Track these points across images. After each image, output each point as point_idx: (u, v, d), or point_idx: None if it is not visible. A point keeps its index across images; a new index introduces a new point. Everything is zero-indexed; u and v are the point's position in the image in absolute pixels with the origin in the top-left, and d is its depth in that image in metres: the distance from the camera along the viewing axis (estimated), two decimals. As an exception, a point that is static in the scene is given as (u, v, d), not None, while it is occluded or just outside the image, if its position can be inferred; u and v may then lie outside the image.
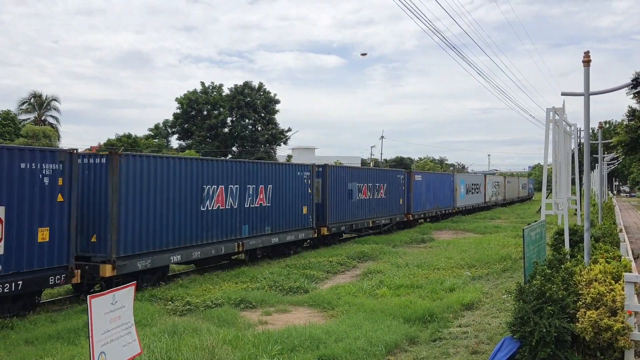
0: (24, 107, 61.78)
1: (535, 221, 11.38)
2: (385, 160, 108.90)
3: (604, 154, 27.44)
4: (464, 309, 12.86)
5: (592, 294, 8.02)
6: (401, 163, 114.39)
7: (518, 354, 7.94)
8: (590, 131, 15.99)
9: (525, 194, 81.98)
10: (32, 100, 61.86)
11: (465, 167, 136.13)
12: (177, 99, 68.90)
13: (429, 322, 11.53)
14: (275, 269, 18.40)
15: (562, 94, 13.06)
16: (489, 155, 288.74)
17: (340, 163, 74.63)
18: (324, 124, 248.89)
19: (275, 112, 70.91)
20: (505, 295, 13.76)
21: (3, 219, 11.97)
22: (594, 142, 33.94)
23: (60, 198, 13.36)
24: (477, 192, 52.38)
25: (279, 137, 71.31)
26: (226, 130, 69.17)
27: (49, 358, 9.18)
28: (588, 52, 10.41)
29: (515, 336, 8.05)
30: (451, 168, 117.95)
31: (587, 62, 10.34)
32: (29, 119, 61.02)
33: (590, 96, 10.49)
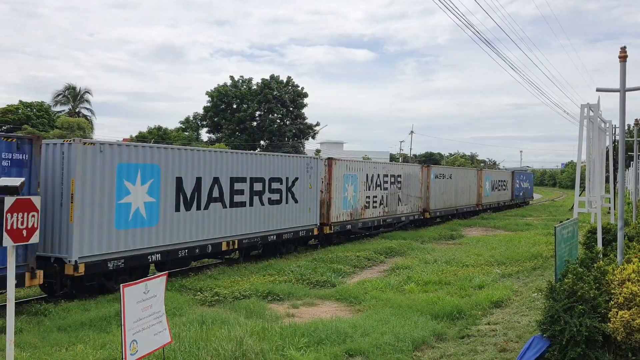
0: (58, 99, 63.05)
1: (568, 219, 11.19)
2: (415, 155, 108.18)
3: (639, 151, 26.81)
4: (493, 306, 12.73)
5: (625, 293, 7.86)
6: (431, 158, 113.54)
7: (547, 353, 7.85)
8: (626, 128, 15.63)
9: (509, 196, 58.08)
10: (66, 92, 63.08)
11: (497, 163, 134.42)
12: (207, 93, 69.54)
13: (457, 319, 11.46)
14: (302, 262, 18.48)
15: (597, 90, 12.79)
16: (521, 151, 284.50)
17: (369, 158, 74.48)
18: (352, 118, 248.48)
19: (303, 106, 71.01)
20: (536, 294, 13.58)
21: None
22: (630, 139, 33.15)
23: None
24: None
25: (307, 131, 71.41)
26: (254, 124, 69.55)
27: (81, 345, 9.38)
28: (624, 47, 10.16)
29: (545, 335, 7.95)
30: (482, 164, 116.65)
31: (623, 57, 10.10)
32: (63, 110, 62.25)
33: (627, 92, 10.25)
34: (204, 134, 73.35)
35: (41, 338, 10.05)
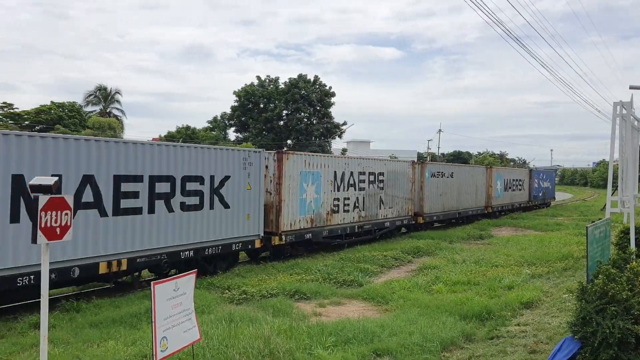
0: (90, 99, 64.23)
1: (600, 219, 10.98)
2: (443, 154, 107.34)
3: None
4: (523, 307, 12.56)
5: (660, 295, 7.68)
6: (459, 157, 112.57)
7: (579, 355, 7.71)
8: (661, 126, 15.25)
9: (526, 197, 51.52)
10: (97, 93, 64.21)
11: (527, 162, 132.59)
12: (234, 92, 70.06)
13: (486, 320, 11.34)
14: (329, 261, 18.49)
15: (631, 88, 12.55)
16: (551, 150, 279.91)
17: (396, 157, 74.12)
18: (379, 117, 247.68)
19: (330, 105, 71.01)
20: (566, 295, 13.36)
21: None
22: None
23: None
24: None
25: (334, 130, 71.40)
26: (281, 123, 69.82)
27: (112, 341, 9.55)
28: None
29: (576, 337, 7.82)
30: (511, 163, 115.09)
31: (659, 53, 9.86)
32: (94, 111, 63.39)
33: (662, 89, 10.01)
34: (232, 134, 73.96)
35: (74, 334, 10.26)
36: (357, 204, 23.01)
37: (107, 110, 64.37)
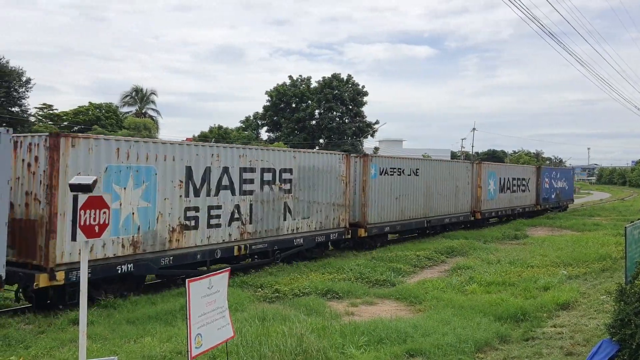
0: (126, 100, 65.47)
1: (639, 219, 10.71)
2: (477, 153, 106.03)
3: None
4: (559, 308, 12.34)
5: (703, 298, 7.46)
6: (494, 156, 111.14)
7: (617, 358, 7.55)
8: None
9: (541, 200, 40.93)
10: (133, 93, 65.41)
11: (563, 161, 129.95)
12: (266, 92, 70.48)
13: (521, 321, 11.18)
14: (361, 261, 18.46)
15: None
16: (588, 148, 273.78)
17: (429, 156, 73.46)
18: (412, 116, 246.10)
19: (363, 104, 70.85)
20: (604, 296, 13.06)
21: None
22: None
23: None
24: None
25: (366, 129, 71.21)
26: (313, 122, 69.95)
27: (148, 337, 9.72)
28: None
29: (614, 339, 7.65)
30: (547, 162, 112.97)
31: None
32: (130, 111, 64.57)
33: None
34: (264, 133, 74.43)
35: (111, 330, 10.48)
36: (237, 215, 16.23)
37: (143, 111, 65.48)
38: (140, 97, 65.79)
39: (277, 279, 15.42)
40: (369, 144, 77.71)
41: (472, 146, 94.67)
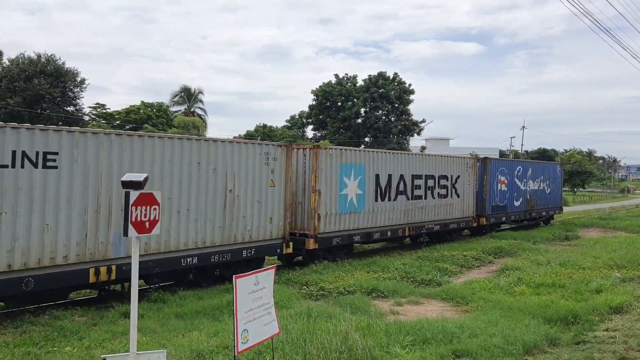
0: (175, 99, 66.86)
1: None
2: (527, 151, 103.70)
3: None
4: (612, 312, 11.94)
5: None
6: (544, 155, 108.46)
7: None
8: None
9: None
10: (182, 93, 66.73)
11: (617, 160, 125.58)
12: (312, 91, 70.71)
13: (571, 324, 10.88)
14: (407, 260, 18.33)
15: None
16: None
17: (476, 155, 72.12)
18: (459, 114, 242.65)
19: (409, 102, 70.24)
20: (661, 301, 12.57)
21: None
22: None
23: None
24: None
25: (413, 127, 70.59)
26: (359, 121, 69.80)
27: (196, 332, 9.91)
28: None
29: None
30: (600, 161, 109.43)
31: None
32: (179, 110, 65.89)
33: None
34: (309, 132, 74.71)
35: (160, 324, 10.73)
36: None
37: (192, 110, 66.72)
38: (188, 96, 67.05)
39: (322, 277, 15.47)
40: (415, 142, 77.10)
41: (522, 145, 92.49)
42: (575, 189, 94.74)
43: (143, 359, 7.43)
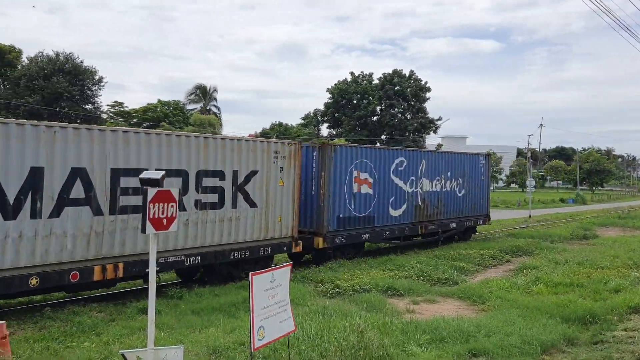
0: (191, 97, 67.21)
1: None
2: (545, 149, 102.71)
3: None
4: (631, 311, 11.79)
5: None
6: (562, 153, 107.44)
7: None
8: None
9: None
10: (197, 91, 67.05)
11: (636, 158, 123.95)
12: (328, 89, 70.65)
13: (589, 324, 10.77)
14: (423, 258, 18.27)
15: None
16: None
17: (494, 153, 71.73)
18: (477, 111, 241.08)
19: (425, 100, 69.94)
20: (682, 301, 12.39)
21: None
22: None
23: None
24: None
25: (429, 125, 70.28)
26: (375, 119, 69.63)
27: (213, 328, 9.97)
28: None
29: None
30: (619, 160, 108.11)
31: None
32: (195, 108, 66.22)
33: None
34: (324, 130, 74.69)
35: (177, 320, 10.81)
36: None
37: (207, 108, 67.03)
38: (203, 94, 67.34)
39: (337, 274, 15.47)
40: (431, 140, 76.72)
41: (540, 143, 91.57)
42: (594, 188, 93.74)
43: (160, 354, 7.49)
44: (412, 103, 69.15)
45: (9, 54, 51.41)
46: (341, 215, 17.76)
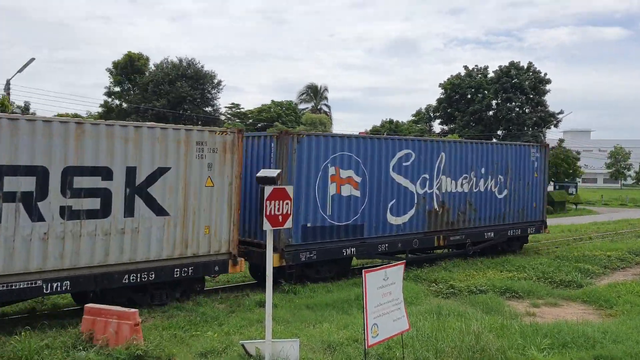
0: (302, 97, 68.72)
1: None
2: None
3: None
4: None
5: None
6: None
7: None
8: None
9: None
10: (308, 91, 68.43)
11: None
12: (440, 84, 69.22)
13: None
14: (544, 259, 17.44)
15: None
16: None
17: (621, 148, 66.88)
18: (602, 104, 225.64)
19: (545, 92, 66.43)
20: None
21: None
22: None
23: None
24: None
25: (549, 119, 66.72)
26: (490, 113, 67.21)
27: (326, 323, 10.15)
28: None
29: None
30: None
31: None
32: (307, 108, 67.62)
33: None
34: (437, 126, 73.26)
35: (292, 314, 11.12)
36: None
37: (318, 107, 68.16)
38: (314, 93, 68.55)
39: (451, 274, 15.15)
40: (552, 135, 72.88)
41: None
42: None
43: (277, 346, 7.76)
44: (531, 96, 65.93)
45: (138, 61, 55.35)
46: (309, 225, 13.81)
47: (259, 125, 56.48)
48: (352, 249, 14.73)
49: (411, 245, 16.12)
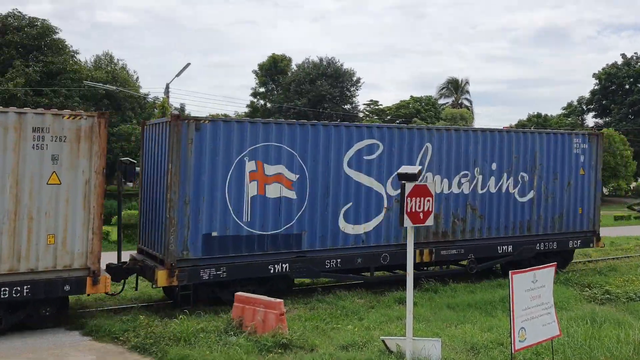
0: (442, 92, 67.37)
1: None
2: None
3: None
4: None
5: None
6: None
7: None
8: None
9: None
10: (449, 85, 66.93)
11: None
12: (594, 75, 64.28)
13: None
14: None
15: None
16: None
17: None
18: None
19: None
20: None
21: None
22: None
23: None
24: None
25: None
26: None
27: (469, 325, 9.88)
28: None
29: None
30: None
31: None
32: (447, 102, 66.21)
33: None
34: (590, 119, 68.07)
35: (432, 313, 10.97)
36: None
37: (459, 102, 66.42)
38: (455, 87, 66.89)
39: (607, 279, 14.10)
40: None
41: None
42: None
43: (419, 344, 7.71)
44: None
45: (281, 62, 57.72)
46: (215, 234, 11.19)
47: (397, 121, 56.30)
48: (285, 265, 11.70)
49: (379, 261, 12.83)
